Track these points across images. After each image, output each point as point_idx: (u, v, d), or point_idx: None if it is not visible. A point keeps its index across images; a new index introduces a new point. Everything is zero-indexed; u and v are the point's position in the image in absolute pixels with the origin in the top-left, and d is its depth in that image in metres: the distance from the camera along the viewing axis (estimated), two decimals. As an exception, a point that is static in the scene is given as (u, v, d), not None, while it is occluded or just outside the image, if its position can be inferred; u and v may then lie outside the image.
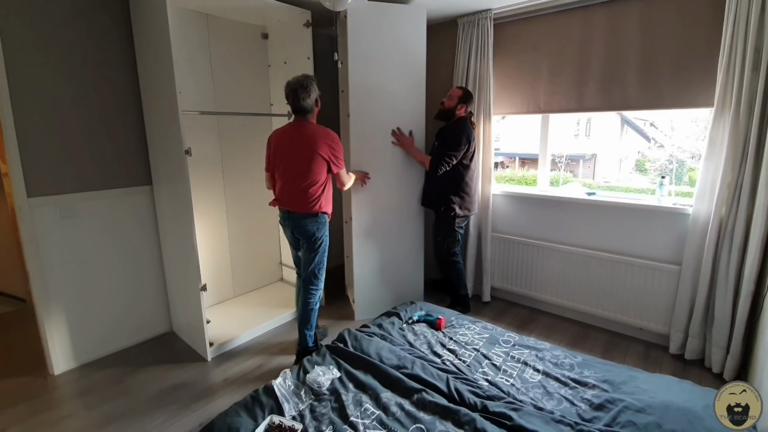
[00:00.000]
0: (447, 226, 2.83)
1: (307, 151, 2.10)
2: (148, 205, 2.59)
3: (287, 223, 2.25)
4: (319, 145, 2.09)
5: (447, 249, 2.89)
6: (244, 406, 1.63)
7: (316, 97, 2.16)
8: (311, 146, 2.09)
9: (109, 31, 2.33)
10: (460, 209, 2.78)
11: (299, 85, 2.09)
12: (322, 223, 2.21)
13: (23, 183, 2.09)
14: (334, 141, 2.15)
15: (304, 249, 2.26)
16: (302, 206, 2.15)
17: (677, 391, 1.67)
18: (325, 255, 2.28)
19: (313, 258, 2.24)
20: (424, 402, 1.63)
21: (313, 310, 2.31)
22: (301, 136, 2.13)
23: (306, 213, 2.16)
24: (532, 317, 2.98)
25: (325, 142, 2.11)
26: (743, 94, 2.04)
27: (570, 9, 2.66)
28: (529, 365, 1.96)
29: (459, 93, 2.72)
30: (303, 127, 2.14)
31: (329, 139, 2.13)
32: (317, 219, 2.18)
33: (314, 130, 2.13)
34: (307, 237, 2.20)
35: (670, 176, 2.66)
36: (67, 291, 2.29)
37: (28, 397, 2.09)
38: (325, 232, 2.23)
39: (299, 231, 2.22)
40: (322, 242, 2.23)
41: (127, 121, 2.46)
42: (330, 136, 2.14)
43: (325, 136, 2.13)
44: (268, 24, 3.05)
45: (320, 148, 2.09)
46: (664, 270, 2.46)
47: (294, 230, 2.24)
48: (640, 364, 2.35)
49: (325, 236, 2.24)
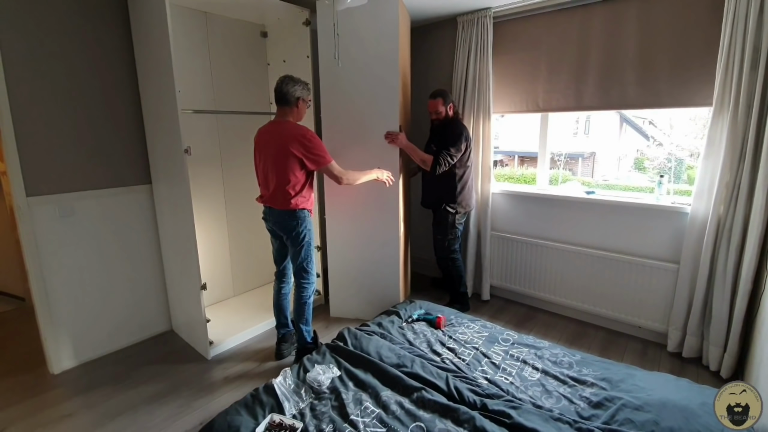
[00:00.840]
0: (446, 224, 2.84)
1: (281, 151, 2.09)
2: (147, 203, 2.59)
3: (268, 218, 2.28)
4: (292, 144, 2.08)
5: (447, 246, 2.90)
6: (245, 405, 1.64)
7: (300, 97, 2.15)
8: (285, 145, 2.08)
9: (108, 29, 2.32)
10: (459, 206, 2.80)
11: (289, 77, 2.14)
12: (302, 218, 2.20)
13: (22, 182, 2.09)
14: (306, 138, 2.10)
15: (289, 245, 2.27)
16: (280, 203, 2.17)
17: (674, 388, 1.68)
18: (311, 248, 2.28)
19: (299, 252, 2.24)
20: (424, 400, 1.64)
21: (307, 303, 2.31)
22: (277, 136, 2.13)
23: (284, 209, 2.17)
24: (530, 315, 2.99)
25: (297, 141, 2.08)
26: (742, 93, 2.04)
27: (569, 8, 2.66)
28: (528, 363, 1.97)
29: (439, 101, 2.69)
30: (280, 125, 2.15)
31: (301, 137, 2.09)
32: (295, 215, 2.18)
33: (289, 129, 2.11)
34: (288, 232, 2.21)
35: (668, 174, 2.66)
36: (66, 290, 2.29)
37: (28, 396, 2.09)
38: (306, 226, 2.22)
39: (279, 227, 2.23)
40: (304, 236, 2.22)
41: (126, 119, 2.45)
42: (303, 134, 2.10)
43: (298, 135, 2.09)
44: (267, 22, 3.04)
45: (292, 147, 2.08)
46: (662, 268, 2.47)
47: (274, 225, 2.26)
48: (638, 362, 2.36)
49: (307, 230, 2.23)
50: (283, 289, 2.44)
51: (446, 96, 2.73)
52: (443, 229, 2.87)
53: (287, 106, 2.15)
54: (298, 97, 2.15)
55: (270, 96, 3.17)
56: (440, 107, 2.70)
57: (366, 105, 2.61)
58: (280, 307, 2.44)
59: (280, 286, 2.44)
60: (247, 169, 3.06)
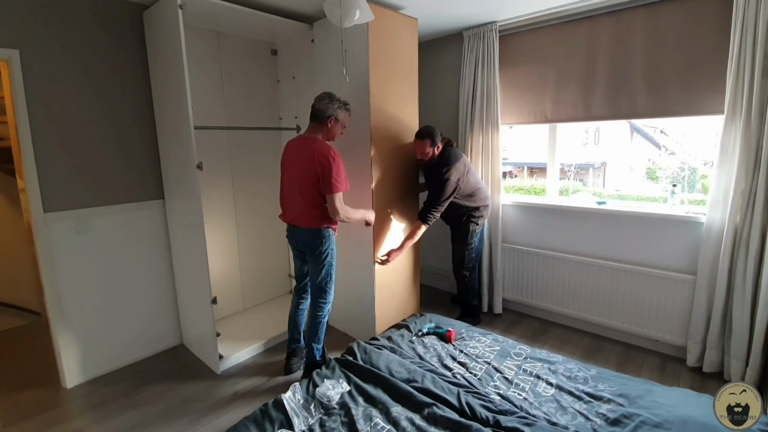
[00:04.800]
0: (466, 233, 2.78)
1: (307, 168, 2.06)
2: (160, 218, 2.63)
3: (291, 237, 2.26)
4: (315, 162, 2.03)
5: (467, 256, 2.85)
6: (254, 421, 1.63)
7: (333, 116, 2.09)
8: (310, 162, 2.04)
9: (124, 48, 2.40)
10: (479, 214, 2.76)
11: (327, 95, 2.11)
12: (326, 237, 2.16)
13: (40, 198, 2.14)
14: (327, 159, 2.00)
15: (310, 263, 2.24)
16: (304, 221, 2.14)
17: (696, 404, 1.62)
18: (332, 268, 2.24)
19: (320, 271, 2.21)
20: (435, 417, 1.61)
21: (322, 323, 2.28)
22: (303, 152, 2.09)
23: (308, 228, 2.14)
24: (544, 329, 2.93)
25: (318, 159, 2.02)
26: (754, 100, 2.01)
27: (575, 20, 2.68)
28: (542, 379, 1.93)
29: (426, 142, 2.54)
30: (308, 141, 2.11)
31: (324, 156, 2.01)
32: (320, 233, 2.14)
33: (317, 146, 2.06)
34: (311, 250, 2.18)
35: (682, 184, 2.62)
36: (80, 304, 2.32)
37: (41, 411, 2.10)
38: (329, 245, 2.18)
39: (303, 245, 2.21)
40: (327, 255, 2.19)
41: (140, 136, 2.51)
42: (326, 153, 2.02)
43: (321, 153, 2.02)
44: (277, 40, 3.11)
45: (315, 165, 2.03)
46: (678, 280, 2.41)
47: (298, 244, 2.23)
48: (657, 377, 2.29)
49: (331, 249, 2.20)
50: (302, 305, 2.42)
51: (434, 137, 2.55)
52: (464, 240, 2.80)
53: (318, 123, 2.11)
54: (330, 115, 2.09)
55: (280, 112, 3.23)
56: (427, 149, 2.54)
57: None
58: (296, 322, 2.42)
59: (299, 301, 2.41)
60: (258, 184, 3.11)
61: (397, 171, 2.73)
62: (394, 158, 2.68)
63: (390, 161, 2.65)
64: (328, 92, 2.13)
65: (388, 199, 2.68)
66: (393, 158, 2.67)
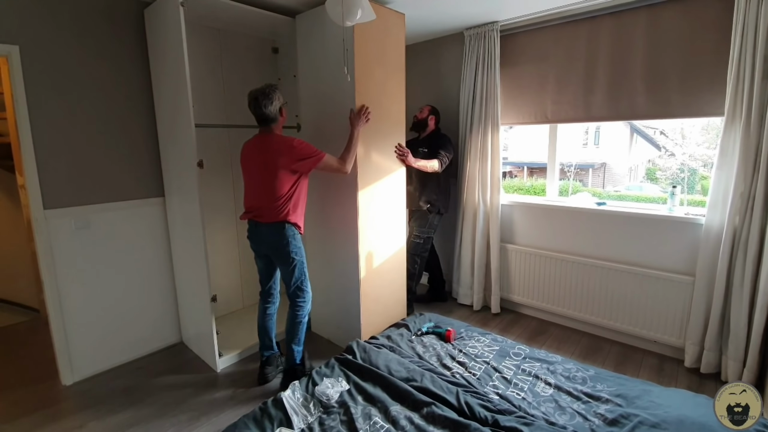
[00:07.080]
0: (431, 223, 3.06)
1: (270, 166, 2.03)
2: (160, 216, 2.63)
3: (254, 237, 2.19)
4: (280, 159, 2.01)
5: (426, 244, 3.09)
6: (253, 419, 1.64)
7: (280, 106, 2.09)
8: (274, 161, 2.02)
9: (125, 45, 2.40)
10: (443, 207, 3.10)
11: (260, 93, 2.03)
12: (291, 236, 2.11)
13: (40, 195, 2.14)
14: (294, 148, 2.03)
15: (279, 265, 2.19)
16: (267, 216, 2.08)
17: (693, 405, 1.63)
18: (304, 266, 2.19)
19: (292, 272, 2.15)
20: (434, 416, 1.61)
21: (302, 323, 2.22)
22: (264, 150, 2.06)
23: (273, 222, 2.08)
24: (542, 329, 2.94)
25: (286, 155, 2.02)
26: (754, 102, 2.02)
27: (576, 20, 2.67)
28: (541, 378, 1.93)
29: (429, 108, 3.10)
30: (266, 139, 2.08)
31: (289, 148, 2.02)
32: (284, 231, 2.09)
33: (276, 142, 2.05)
34: (277, 251, 2.13)
35: (681, 185, 2.63)
36: (79, 301, 2.32)
37: (40, 407, 2.10)
38: (296, 245, 2.13)
39: (267, 246, 2.15)
40: (295, 253, 2.13)
41: (140, 134, 2.51)
42: (290, 145, 2.03)
43: (285, 146, 2.03)
44: (278, 39, 3.11)
45: (282, 163, 2.01)
46: (676, 281, 2.42)
47: (261, 244, 2.17)
48: (655, 377, 2.30)
49: (298, 247, 2.14)
50: (269, 310, 2.33)
51: (437, 112, 3.11)
52: (428, 229, 3.08)
53: (270, 124, 2.09)
54: (278, 108, 2.08)
55: (280, 110, 3.22)
56: (425, 112, 3.06)
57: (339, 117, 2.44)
58: (265, 328, 2.33)
59: (266, 306, 2.33)
60: (258, 182, 3.10)
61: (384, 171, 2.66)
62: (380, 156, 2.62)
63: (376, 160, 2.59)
64: (257, 92, 2.04)
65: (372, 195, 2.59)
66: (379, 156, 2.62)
